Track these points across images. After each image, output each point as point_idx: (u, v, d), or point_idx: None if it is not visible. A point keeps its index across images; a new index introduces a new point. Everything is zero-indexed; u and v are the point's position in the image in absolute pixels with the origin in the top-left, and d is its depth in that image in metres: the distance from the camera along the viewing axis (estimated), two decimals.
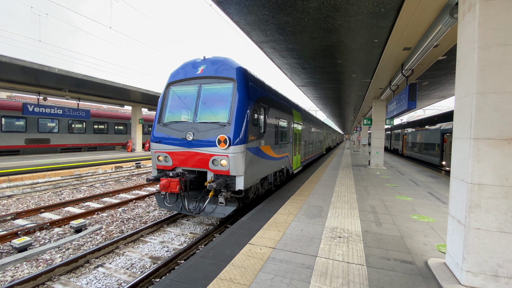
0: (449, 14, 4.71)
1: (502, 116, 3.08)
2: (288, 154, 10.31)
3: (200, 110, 6.44)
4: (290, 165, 10.97)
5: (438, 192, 9.22)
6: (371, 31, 6.67)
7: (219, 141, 5.85)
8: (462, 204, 3.36)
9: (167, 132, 6.57)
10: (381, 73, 10.68)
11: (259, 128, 6.84)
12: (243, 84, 6.22)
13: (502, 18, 3.07)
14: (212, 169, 6.06)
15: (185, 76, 6.84)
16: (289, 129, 10.51)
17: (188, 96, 6.71)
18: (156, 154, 6.64)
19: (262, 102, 7.06)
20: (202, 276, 3.57)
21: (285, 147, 9.72)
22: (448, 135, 17.45)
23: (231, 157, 5.84)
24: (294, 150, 11.51)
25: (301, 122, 12.99)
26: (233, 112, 6.01)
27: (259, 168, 6.95)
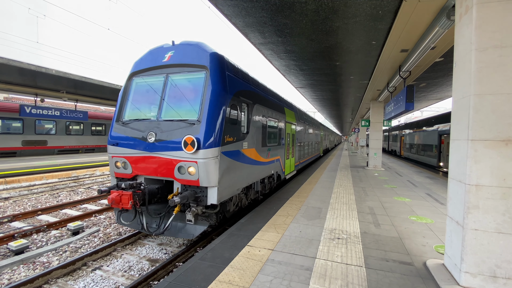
0: (446, 16, 4.75)
1: (500, 118, 3.10)
2: (279, 157, 9.31)
3: (165, 106, 5.37)
4: (282, 170, 9.93)
5: (436, 193, 9.26)
6: (368, 33, 6.70)
7: (185, 143, 4.73)
8: (460, 205, 3.37)
9: (126, 132, 5.45)
10: (378, 75, 10.73)
11: (239, 127, 5.79)
12: (218, 73, 5.15)
13: (499, 20, 3.10)
14: (178, 178, 4.94)
15: (150, 64, 5.72)
16: (281, 129, 9.53)
17: (153, 89, 5.65)
18: (113, 159, 5.54)
19: (244, 97, 6.02)
20: (200, 278, 3.55)
21: (275, 150, 8.80)
22: (445, 137, 17.54)
23: (200, 164, 4.73)
24: (287, 153, 10.56)
25: (295, 122, 12.02)
26: (204, 108, 4.93)
27: (240, 176, 5.91)
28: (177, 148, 4.88)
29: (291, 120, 11.16)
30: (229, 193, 5.43)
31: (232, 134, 5.40)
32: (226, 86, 5.25)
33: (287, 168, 10.81)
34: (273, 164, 8.65)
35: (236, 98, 5.61)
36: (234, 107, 5.55)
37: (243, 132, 6.02)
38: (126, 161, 5.41)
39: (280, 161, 9.56)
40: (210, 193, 4.93)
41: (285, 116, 10.17)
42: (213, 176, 4.84)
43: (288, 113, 10.79)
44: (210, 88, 5.02)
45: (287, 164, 10.80)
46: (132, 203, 4.68)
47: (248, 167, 6.40)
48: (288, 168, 11.01)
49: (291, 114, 11.28)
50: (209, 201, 4.92)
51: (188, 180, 4.90)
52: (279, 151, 9.30)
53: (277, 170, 9.25)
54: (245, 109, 6.21)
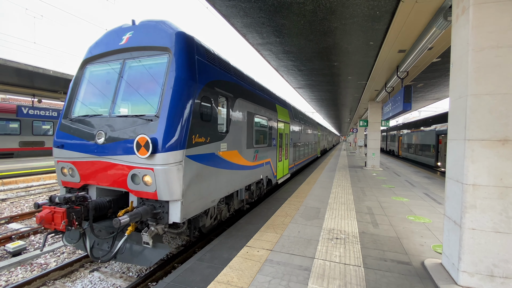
0: (443, 17, 4.78)
1: (496, 118, 3.12)
2: (269, 160, 8.41)
3: (120, 98, 4.48)
4: (274, 174, 9.01)
5: (434, 193, 9.30)
6: (366, 34, 6.73)
7: (137, 145, 3.78)
8: (457, 205, 3.39)
9: (73, 131, 4.52)
10: (376, 75, 10.78)
11: (214, 125, 4.85)
12: (184, 57, 4.19)
13: (495, 21, 3.12)
14: (132, 189, 4.00)
15: (105, 49, 4.79)
16: (272, 129, 8.65)
17: (107, 78, 4.70)
18: (59, 164, 4.62)
19: (221, 89, 5.11)
20: (199, 279, 3.55)
21: (265, 152, 7.94)
22: (443, 136, 17.63)
23: (158, 172, 3.78)
24: (279, 154, 9.65)
25: (288, 121, 11.11)
26: (164, 100, 3.96)
27: (216, 184, 4.96)
28: (130, 151, 3.92)
29: (284, 118, 10.27)
30: (201, 206, 4.49)
31: (203, 133, 4.44)
32: (195, 74, 4.29)
33: (280, 172, 9.91)
34: (262, 168, 7.78)
35: (209, 89, 4.66)
36: (207, 100, 4.58)
37: (220, 132, 5.11)
38: (72, 167, 4.45)
39: (271, 164, 8.70)
40: (172, 209, 3.96)
41: (277, 114, 9.31)
42: (175, 187, 3.87)
43: (281, 111, 9.92)
44: (173, 75, 4.06)
45: (280, 167, 9.90)
46: (66, 223, 3.52)
47: (229, 173, 5.47)
48: (281, 171, 10.15)
49: (284, 112, 10.43)
50: (170, 218, 3.96)
51: (144, 192, 3.95)
52: (270, 153, 8.49)
53: (267, 174, 8.35)
54: (224, 103, 5.31)
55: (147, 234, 3.86)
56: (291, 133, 11.83)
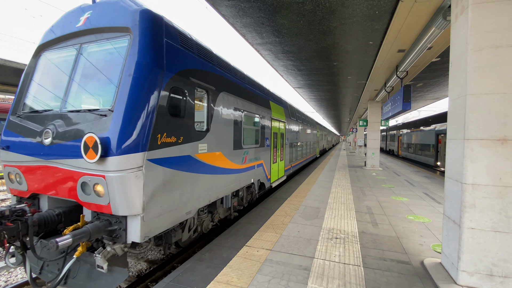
0: (442, 16, 4.79)
1: (495, 117, 3.12)
2: (262, 162, 7.76)
3: (74, 90, 3.75)
4: (267, 177, 8.36)
5: (434, 193, 9.31)
6: (366, 33, 6.73)
7: (85, 146, 3.09)
8: (456, 204, 3.39)
9: (20, 130, 3.84)
10: (376, 75, 10.78)
11: (190, 123, 4.15)
12: (148, 38, 3.49)
13: (494, 21, 3.12)
14: (84, 201, 3.33)
15: (61, 32, 4.07)
16: (265, 127, 7.95)
17: (62, 67, 3.99)
18: (6, 169, 3.97)
19: (200, 80, 4.41)
20: (199, 278, 3.55)
21: (256, 153, 7.28)
22: (442, 136, 17.65)
23: (111, 180, 3.09)
24: (273, 156, 8.98)
25: (284, 120, 10.39)
26: (121, 90, 3.27)
27: (192, 193, 4.25)
28: (79, 154, 3.20)
29: (279, 116, 9.58)
30: (170, 220, 3.79)
31: (174, 132, 3.75)
32: (161, 59, 3.59)
33: (274, 174, 9.24)
34: (253, 171, 7.11)
35: (182, 79, 3.95)
36: (179, 92, 3.88)
37: (199, 130, 4.42)
38: (19, 172, 3.80)
39: (264, 166, 8.02)
40: (130, 226, 3.25)
41: (271, 112, 8.56)
42: (133, 198, 3.16)
43: (275, 109, 9.22)
44: (133, 60, 3.36)
45: (274, 169, 9.23)
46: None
47: (210, 178, 4.78)
48: (276, 174, 9.47)
49: (279, 110, 9.72)
50: (129, 237, 3.25)
51: (96, 205, 3.26)
52: (263, 154, 7.83)
53: (260, 177, 7.69)
54: (204, 97, 4.65)
55: (100, 256, 3.18)
56: (288, 132, 11.22)
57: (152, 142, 3.35)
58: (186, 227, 4.62)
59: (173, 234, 4.23)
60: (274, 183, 9.29)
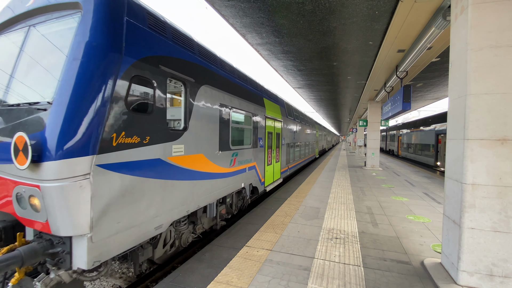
0: (442, 16, 4.79)
1: (495, 117, 3.12)
2: (255, 164, 7.12)
3: (16, 80, 3.21)
4: (260, 180, 7.68)
5: (433, 193, 9.31)
6: (365, 34, 6.74)
7: (15, 149, 2.55)
8: (456, 204, 3.39)
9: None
10: (376, 75, 10.79)
11: (161, 120, 3.54)
12: (101, 15, 2.87)
13: (494, 21, 3.13)
14: (20, 216, 2.77)
15: (12, 14, 3.52)
16: (258, 126, 7.35)
17: (9, 53, 3.44)
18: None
19: (174, 69, 3.78)
20: (198, 279, 3.55)
21: (247, 155, 6.61)
22: (442, 136, 17.66)
23: (47, 191, 2.51)
24: (268, 157, 8.31)
25: (280, 118, 9.79)
26: (63, 78, 2.70)
27: (164, 203, 3.61)
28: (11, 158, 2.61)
29: (274, 115, 8.95)
30: (132, 239, 3.14)
31: (137, 130, 3.13)
32: (119, 41, 2.94)
33: (269, 177, 8.59)
34: (244, 175, 6.45)
35: (149, 67, 3.32)
36: (145, 82, 3.28)
37: (173, 129, 3.83)
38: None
39: (257, 168, 7.39)
40: (76, 248, 2.63)
41: (265, 110, 7.98)
42: (78, 214, 2.54)
43: (270, 107, 8.61)
44: (80, 41, 2.75)
45: (269, 172, 8.57)
46: None
47: (188, 184, 4.13)
48: (271, 176, 8.83)
49: (274, 108, 9.06)
50: (74, 263, 2.64)
51: (33, 221, 2.68)
52: (255, 156, 7.19)
53: (252, 181, 7.01)
54: (181, 90, 4.10)
55: (41, 284, 2.68)
56: (284, 132, 10.58)
57: (103, 143, 2.69)
58: (159, 243, 3.98)
59: (141, 253, 3.64)
60: (269, 186, 8.64)
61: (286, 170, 11.27)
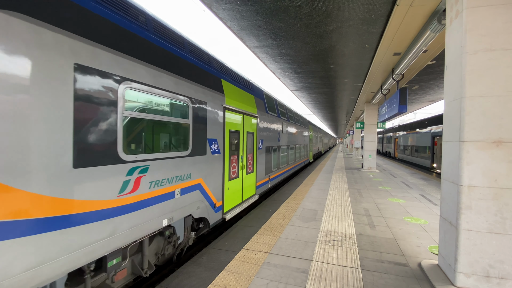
0: (437, 20, 4.85)
1: (490, 119, 3.16)
2: (200, 181, 4.61)
3: None
4: (213, 204, 5.09)
5: (430, 194, 9.36)
6: (362, 37, 6.80)
7: None
8: (453, 206, 3.41)
9: None
10: (372, 78, 10.87)
11: None
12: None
13: (488, 24, 3.17)
14: None
15: None
16: (205, 122, 4.75)
17: None
18: None
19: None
20: (196, 282, 3.52)
21: (180, 167, 4.06)
22: (438, 138, 17.81)
23: None
24: (231, 167, 5.83)
25: (255, 113, 7.24)
26: None
27: None
28: None
29: (244, 107, 6.47)
30: None
31: None
32: None
33: (232, 197, 5.94)
34: (172, 203, 3.87)
35: None
36: None
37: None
38: None
39: (205, 187, 4.78)
40: None
41: (224, 98, 5.39)
42: None
43: (235, 95, 6.07)
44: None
45: (233, 189, 5.97)
46: None
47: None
48: (236, 195, 6.18)
49: (244, 98, 6.60)
50: None
51: None
52: (200, 168, 4.62)
53: (194, 209, 4.47)
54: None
55: None
56: (262, 132, 8.04)
57: None
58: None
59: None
60: (233, 211, 5.88)
61: (267, 181, 8.59)
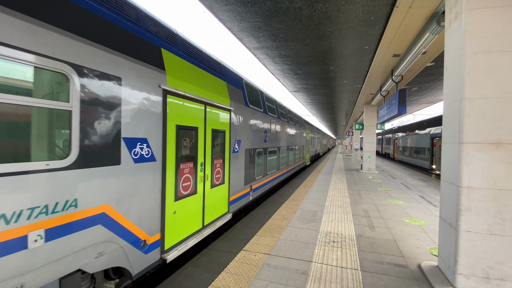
0: (436, 22, 4.87)
1: (489, 121, 3.17)
2: (105, 208, 2.78)
3: None
4: (140, 242, 3.33)
5: (429, 195, 9.37)
6: (361, 38, 6.82)
7: None
8: (452, 207, 3.42)
9: None
10: (371, 79, 10.89)
11: None
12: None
13: (487, 26, 3.19)
14: None
15: None
16: (127, 110, 3.04)
17: None
18: None
19: None
20: (195, 284, 3.51)
21: (45, 188, 2.19)
22: (437, 140, 17.84)
23: None
24: (179, 181, 4.06)
25: (227, 105, 5.58)
26: None
27: None
28: None
29: (212, 96, 5.01)
30: None
31: None
32: None
33: (182, 224, 4.18)
34: (16, 260, 2.02)
35: None
36: None
37: None
38: None
39: (117, 218, 2.98)
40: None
41: (164, 76, 3.75)
42: None
43: (192, 76, 4.50)
44: None
45: (184, 213, 4.19)
46: None
47: None
48: (191, 220, 4.43)
49: (213, 83, 5.13)
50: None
51: None
52: (101, 187, 2.74)
53: (81, 263, 2.57)
54: None
55: None
56: (239, 130, 6.24)
57: None
58: None
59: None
60: (183, 245, 4.11)
61: (247, 193, 6.70)
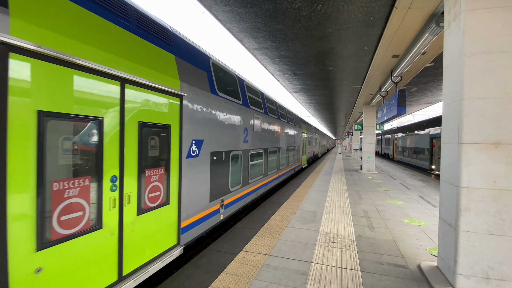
0: (436, 23, 4.88)
1: (489, 121, 3.18)
2: None
3: None
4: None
5: (429, 196, 9.37)
6: (361, 39, 6.83)
7: None
8: (452, 207, 3.42)
9: None
10: (371, 80, 10.91)
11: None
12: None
13: (486, 27, 3.19)
14: None
15: None
16: None
17: None
18: None
19: None
20: (195, 285, 3.51)
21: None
22: (437, 140, 17.86)
23: None
24: (34, 212, 2.10)
25: (178, 90, 3.92)
26: None
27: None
28: None
29: (141, 71, 3.25)
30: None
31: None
32: None
33: (69, 283, 2.34)
34: None
35: None
36: None
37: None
38: None
39: None
40: None
41: (7, 19, 1.95)
42: None
43: (97, 32, 2.69)
44: None
45: (68, 265, 2.35)
46: None
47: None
48: (90, 272, 2.56)
49: (144, 51, 3.38)
50: None
51: None
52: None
53: None
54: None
55: None
56: (203, 127, 4.71)
57: None
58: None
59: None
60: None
61: (215, 211, 5.28)
